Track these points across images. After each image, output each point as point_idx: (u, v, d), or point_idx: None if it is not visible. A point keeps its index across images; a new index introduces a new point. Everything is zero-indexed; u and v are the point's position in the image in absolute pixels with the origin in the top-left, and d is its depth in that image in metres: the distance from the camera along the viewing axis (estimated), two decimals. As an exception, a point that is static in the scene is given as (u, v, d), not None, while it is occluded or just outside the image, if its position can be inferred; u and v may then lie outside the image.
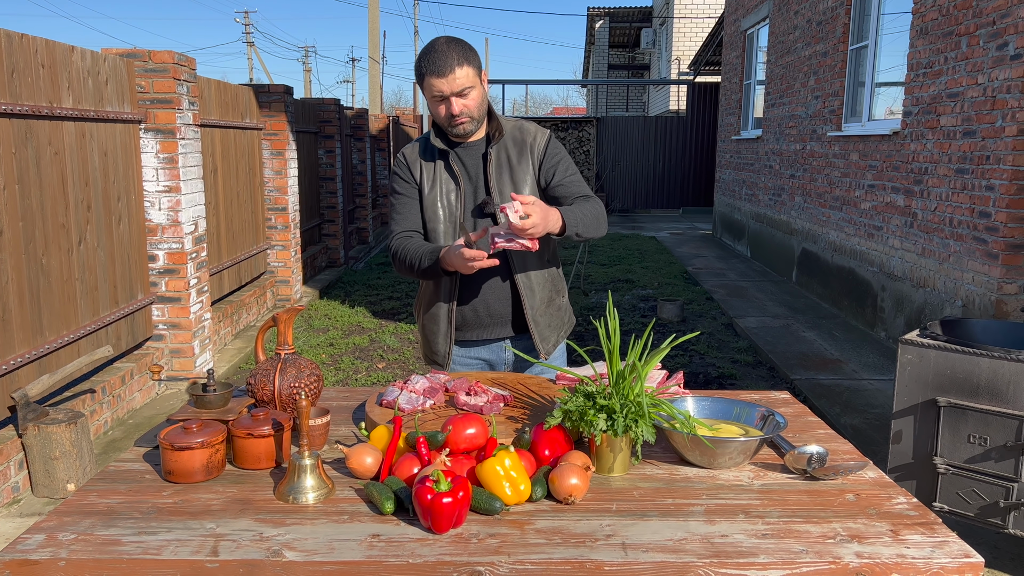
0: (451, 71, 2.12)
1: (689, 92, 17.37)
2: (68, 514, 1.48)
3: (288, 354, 1.89)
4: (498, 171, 2.30)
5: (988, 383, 2.81)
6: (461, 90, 2.16)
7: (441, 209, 2.31)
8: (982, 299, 4.85)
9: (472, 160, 2.32)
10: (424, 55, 2.16)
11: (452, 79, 2.13)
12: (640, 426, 1.61)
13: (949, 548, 1.37)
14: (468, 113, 2.20)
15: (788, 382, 5.35)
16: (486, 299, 2.34)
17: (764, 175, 10.17)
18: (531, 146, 2.34)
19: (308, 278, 8.84)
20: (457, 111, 2.18)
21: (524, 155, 2.33)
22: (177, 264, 5.16)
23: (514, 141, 2.33)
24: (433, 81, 2.14)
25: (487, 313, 2.36)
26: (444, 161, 2.32)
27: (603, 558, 1.33)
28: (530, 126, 2.38)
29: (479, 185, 2.31)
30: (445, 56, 2.12)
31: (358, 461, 1.61)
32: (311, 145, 9.18)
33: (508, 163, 2.31)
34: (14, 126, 3.73)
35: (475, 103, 2.20)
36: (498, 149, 2.31)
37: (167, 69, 4.94)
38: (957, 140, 5.20)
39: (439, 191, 2.31)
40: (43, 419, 3.64)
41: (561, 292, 2.48)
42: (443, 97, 2.17)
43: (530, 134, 2.36)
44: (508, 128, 2.34)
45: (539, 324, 2.37)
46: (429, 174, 2.32)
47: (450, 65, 2.12)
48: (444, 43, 2.16)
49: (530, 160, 2.33)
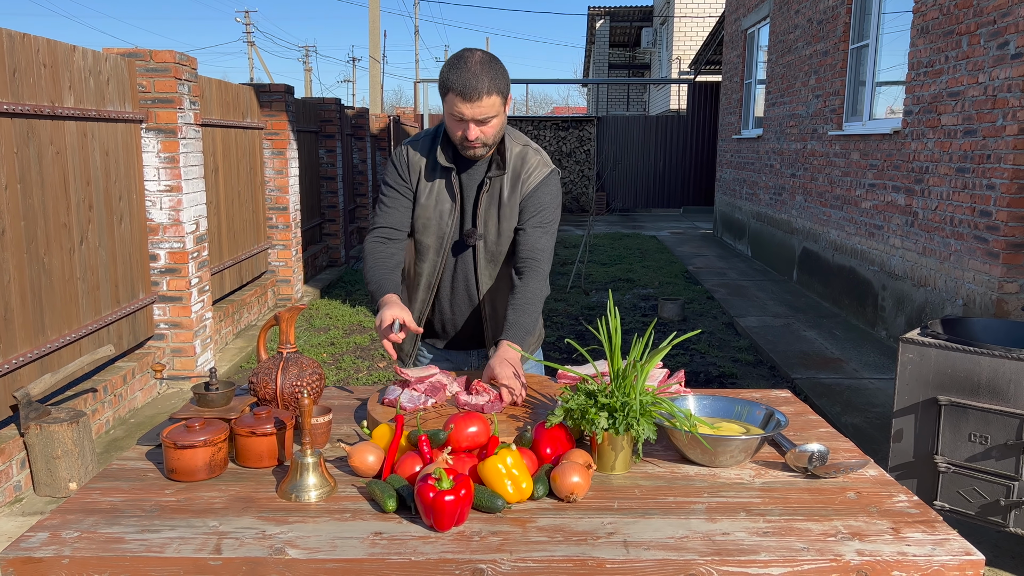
0: (478, 97, 2.01)
1: (690, 91, 17.37)
2: (71, 512, 1.49)
3: (290, 353, 1.89)
4: (488, 202, 2.23)
5: (989, 382, 2.82)
6: (483, 118, 2.05)
7: (433, 223, 2.26)
8: (983, 298, 4.86)
9: (470, 182, 2.25)
10: (454, 68, 2.03)
11: (477, 106, 2.02)
12: (641, 424, 1.61)
13: (950, 546, 1.38)
14: (483, 140, 2.11)
15: (789, 381, 5.36)
16: (454, 318, 2.38)
17: (765, 174, 10.17)
18: (523, 183, 2.24)
19: (309, 277, 8.84)
20: (473, 137, 2.08)
21: (515, 190, 2.24)
22: (178, 263, 5.16)
23: (513, 173, 2.24)
24: (457, 102, 2.03)
25: (453, 331, 2.40)
26: (446, 179, 2.24)
27: (605, 556, 1.33)
28: (534, 159, 2.26)
29: (468, 209, 2.26)
30: (476, 79, 2.00)
31: (360, 459, 1.62)
32: (312, 144, 9.19)
33: (499, 198, 2.23)
34: (16, 125, 3.73)
35: (493, 131, 2.11)
36: (494, 182, 2.22)
37: (168, 69, 4.95)
38: (958, 139, 5.20)
39: (433, 203, 2.25)
40: (45, 418, 3.64)
41: None
42: (463, 119, 2.06)
43: (528, 168, 2.25)
44: (512, 157, 2.24)
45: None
46: (427, 185, 2.25)
47: (479, 91, 2.00)
48: (478, 62, 2.03)
49: (519, 196, 2.24)
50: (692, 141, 17.54)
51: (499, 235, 2.26)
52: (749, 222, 10.99)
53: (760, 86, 11.13)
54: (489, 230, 2.25)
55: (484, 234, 2.25)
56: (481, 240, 2.25)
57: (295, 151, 7.89)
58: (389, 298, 2.14)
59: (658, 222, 15.87)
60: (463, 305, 2.35)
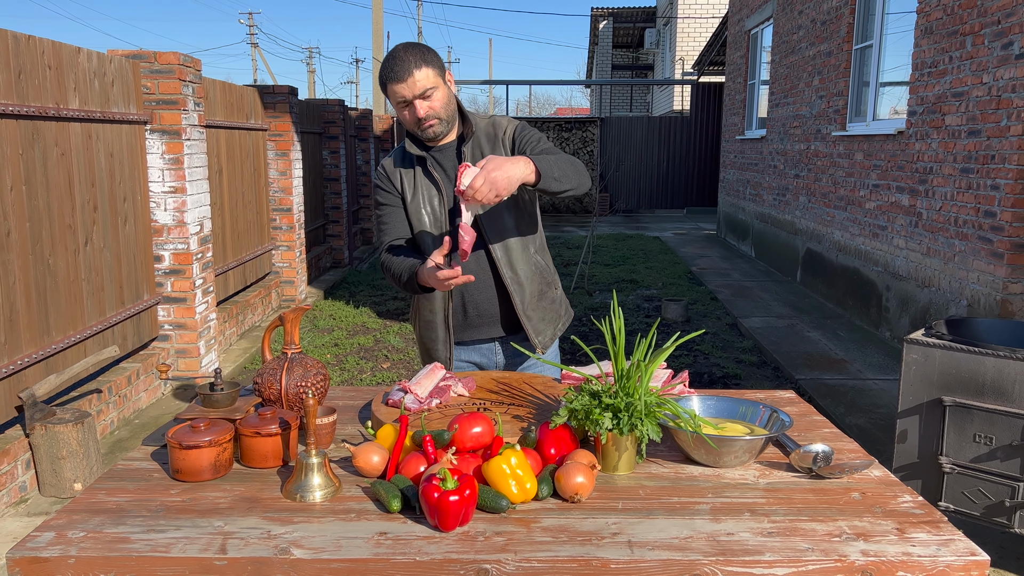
0: (409, 75, 2.11)
1: (693, 92, 17.36)
2: (77, 512, 1.49)
3: (295, 353, 1.90)
4: None
5: (994, 382, 2.81)
6: (423, 92, 2.13)
7: (426, 215, 2.30)
8: (987, 299, 4.85)
9: (449, 161, 2.30)
10: (384, 64, 2.15)
11: (412, 82, 2.11)
12: (645, 425, 1.61)
13: (955, 546, 1.38)
14: (434, 115, 2.18)
15: (793, 382, 5.35)
16: (474, 299, 2.34)
17: (768, 175, 10.16)
18: (503, 139, 2.32)
19: (313, 278, 8.85)
20: (423, 114, 2.16)
21: (496, 148, 2.30)
22: (183, 265, 5.17)
23: (487, 137, 2.31)
24: (394, 87, 2.13)
25: (476, 313, 2.35)
26: (422, 167, 2.30)
27: (609, 556, 1.33)
28: (502, 120, 2.36)
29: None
30: (403, 61, 2.11)
31: (365, 460, 1.62)
32: (315, 146, 9.20)
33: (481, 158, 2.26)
34: (21, 127, 3.74)
35: (440, 103, 2.18)
36: (472, 146, 2.29)
37: (172, 70, 4.96)
38: (962, 140, 5.19)
39: (421, 198, 2.30)
40: (50, 419, 3.65)
41: (553, 284, 2.45)
42: (407, 102, 2.15)
43: (501, 127, 2.34)
44: (481, 125, 2.32)
45: (532, 319, 2.35)
46: (410, 182, 2.31)
47: (408, 69, 2.10)
48: (402, 49, 2.15)
49: (502, 151, 2.30)
50: (695, 142, 17.54)
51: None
52: (753, 223, 10.98)
53: (764, 87, 11.12)
54: None
55: None
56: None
57: (299, 152, 7.90)
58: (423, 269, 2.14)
59: (661, 223, 15.86)
60: (484, 284, 2.32)
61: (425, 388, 1.96)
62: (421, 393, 1.94)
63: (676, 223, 15.84)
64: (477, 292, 2.32)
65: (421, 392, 1.95)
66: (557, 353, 2.52)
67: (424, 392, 1.95)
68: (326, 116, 9.42)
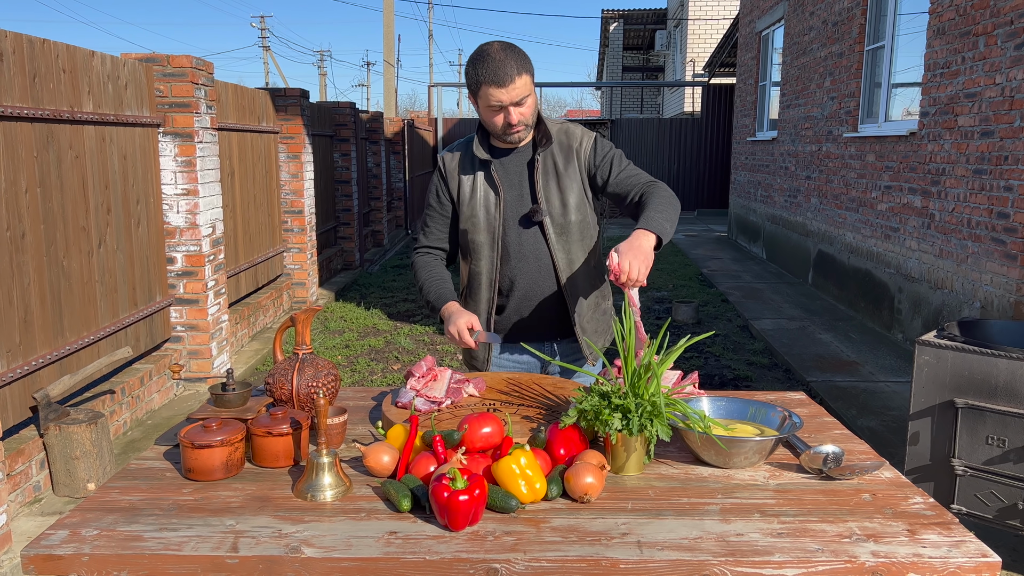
0: (511, 80, 2.06)
1: (704, 94, 17.33)
2: (91, 510, 1.50)
3: (306, 354, 1.91)
4: (544, 178, 2.26)
5: (1006, 384, 2.79)
6: (520, 99, 2.11)
7: (481, 218, 2.28)
8: (1000, 301, 4.81)
9: (516, 167, 2.28)
10: (480, 63, 2.09)
11: (512, 89, 2.07)
12: (655, 425, 1.61)
13: (966, 547, 1.37)
14: (524, 122, 2.16)
15: (804, 384, 5.33)
16: (531, 305, 2.32)
17: (779, 177, 10.12)
18: (577, 151, 2.29)
19: (324, 280, 8.89)
20: (515, 120, 2.13)
21: (571, 160, 2.28)
22: (195, 266, 5.20)
23: (560, 146, 2.28)
24: (492, 91, 2.08)
25: (531, 319, 2.33)
26: (485, 171, 2.28)
27: (618, 556, 1.33)
28: (576, 129, 2.33)
29: (524, 192, 2.27)
30: (504, 65, 2.06)
31: (375, 459, 1.63)
32: (326, 148, 9.23)
33: (555, 170, 2.27)
34: (36, 130, 3.78)
35: (530, 111, 2.16)
36: (545, 156, 2.26)
37: (185, 73, 4.99)
38: (975, 140, 5.16)
39: (479, 201, 2.27)
40: (64, 419, 3.68)
41: (607, 296, 2.44)
42: (501, 107, 2.11)
43: (576, 138, 2.31)
44: (554, 132, 2.29)
45: (586, 331, 2.34)
46: (469, 185, 2.29)
47: (510, 74, 2.06)
48: (500, 50, 2.09)
49: (577, 165, 2.28)
50: (706, 144, 17.49)
51: (563, 206, 2.26)
52: (764, 224, 10.94)
53: (775, 88, 11.09)
54: (552, 204, 2.26)
55: (548, 209, 2.26)
56: (547, 216, 2.25)
57: (310, 155, 7.94)
58: (452, 306, 2.21)
59: (672, 225, 15.80)
60: (539, 290, 2.30)
61: (437, 390, 1.97)
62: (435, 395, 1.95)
63: (687, 225, 15.81)
64: (535, 298, 2.31)
65: (434, 394, 1.95)
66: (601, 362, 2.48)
67: (439, 394, 1.96)
68: (337, 119, 9.46)
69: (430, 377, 2.00)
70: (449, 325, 2.18)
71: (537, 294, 2.30)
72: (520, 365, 2.41)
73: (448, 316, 2.20)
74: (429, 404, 1.92)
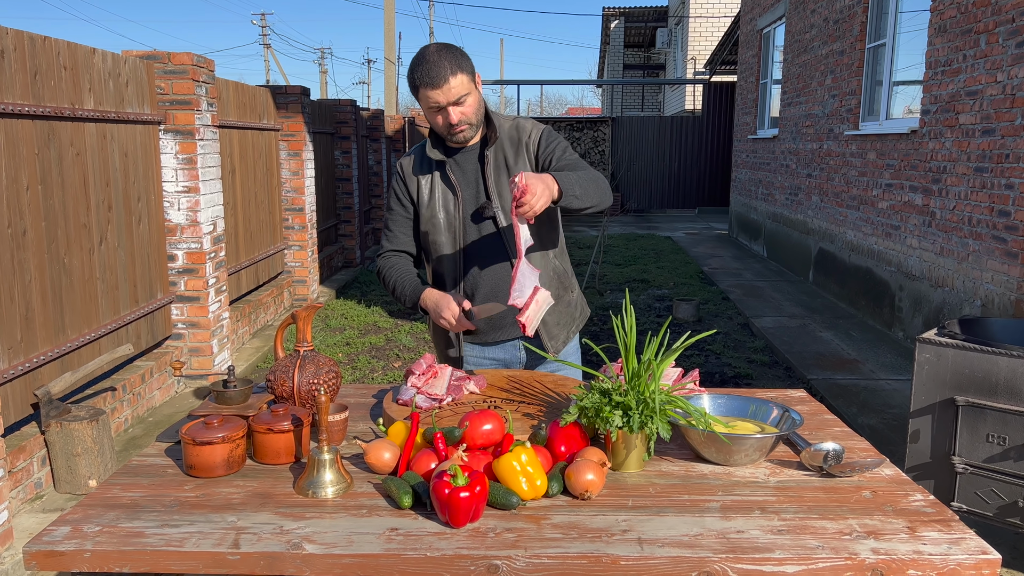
0: (445, 81, 2.08)
1: (705, 92, 17.32)
2: (92, 507, 1.51)
3: (307, 351, 1.91)
4: (496, 173, 2.27)
5: (1007, 382, 2.80)
6: (457, 98, 2.12)
7: (441, 219, 2.29)
8: (1001, 299, 4.81)
9: (470, 165, 2.29)
10: (416, 66, 2.12)
11: (447, 89, 2.09)
12: (656, 422, 1.62)
13: (966, 545, 1.37)
14: (466, 120, 2.17)
15: (805, 382, 5.33)
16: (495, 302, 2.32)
17: (780, 175, 10.12)
18: (527, 144, 2.30)
19: (325, 278, 8.89)
20: (455, 120, 2.14)
21: (520, 153, 2.29)
22: (196, 264, 5.21)
23: (511, 140, 2.30)
24: (428, 92, 2.10)
25: (498, 316, 2.35)
26: (441, 172, 2.29)
27: (619, 553, 1.34)
28: (526, 123, 2.34)
29: (479, 189, 2.28)
30: (437, 66, 2.08)
31: (376, 456, 1.63)
32: (327, 146, 9.23)
33: (505, 163, 2.27)
34: (37, 127, 3.78)
35: (472, 109, 2.17)
36: (495, 151, 2.27)
37: (186, 71, 4.99)
38: (976, 138, 5.16)
39: (437, 203, 2.29)
40: (65, 416, 3.69)
41: (570, 288, 2.46)
42: (440, 107, 2.13)
43: (526, 131, 2.32)
44: (505, 128, 2.31)
45: (546, 323, 2.36)
46: (427, 186, 2.31)
47: (443, 75, 2.08)
48: (435, 52, 2.11)
49: (526, 157, 2.29)
50: (707, 141, 17.48)
51: None
52: (765, 223, 10.94)
53: (776, 86, 11.08)
54: (505, 198, 2.26)
55: (501, 203, 2.26)
56: (499, 210, 2.26)
57: (311, 152, 7.94)
58: (432, 294, 2.21)
59: (673, 223, 15.82)
60: (501, 287, 2.31)
61: (438, 387, 1.98)
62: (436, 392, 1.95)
63: (688, 223, 15.81)
64: (495, 296, 2.31)
65: (435, 391, 1.96)
66: (577, 349, 2.51)
67: (440, 391, 1.96)
68: (338, 116, 9.45)
69: (430, 374, 2.01)
70: (441, 313, 2.15)
71: (498, 291, 2.31)
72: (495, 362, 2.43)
73: (433, 305, 2.19)
74: (430, 401, 1.92)
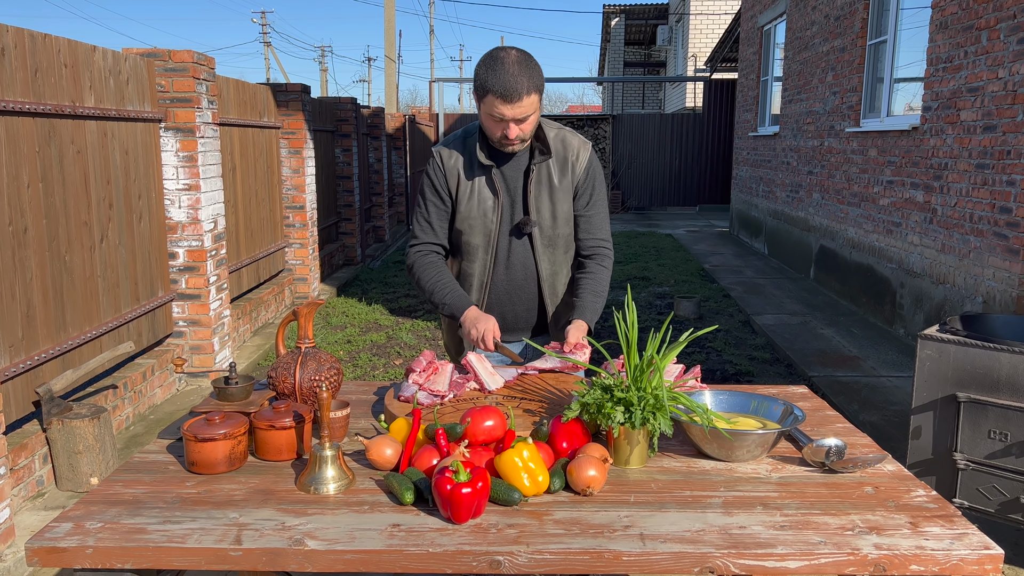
0: (519, 99, 2.02)
1: (705, 89, 17.30)
2: (94, 503, 1.51)
3: (308, 348, 1.91)
4: (537, 188, 2.25)
5: (1009, 378, 2.79)
6: (523, 117, 2.07)
7: (478, 222, 2.27)
8: (1003, 295, 4.81)
9: (513, 173, 2.26)
10: (490, 69, 2.03)
11: (518, 106, 2.03)
12: (658, 419, 1.62)
13: (968, 540, 1.37)
14: (522, 137, 2.14)
15: (806, 379, 5.33)
16: (514, 308, 2.36)
17: (781, 172, 10.11)
18: (573, 165, 2.28)
19: (325, 276, 8.89)
20: (513, 136, 2.11)
21: (565, 173, 2.27)
22: (197, 261, 5.21)
23: (557, 156, 2.27)
24: (497, 103, 2.04)
25: (513, 318, 2.38)
26: (486, 176, 2.25)
27: (621, 548, 1.34)
28: (573, 140, 2.31)
29: (517, 199, 2.27)
30: (516, 80, 2.00)
31: (378, 452, 1.63)
32: (328, 144, 9.23)
33: (549, 182, 2.26)
34: (37, 125, 3.78)
35: (531, 127, 2.14)
36: (540, 167, 2.25)
37: (187, 68, 4.99)
38: (977, 135, 5.15)
39: (475, 203, 2.26)
40: (67, 414, 3.69)
41: None
42: (502, 119, 2.07)
43: (572, 150, 2.29)
44: (551, 140, 2.27)
45: (559, 324, 2.39)
46: (467, 186, 2.27)
47: (519, 92, 2.01)
48: (515, 63, 2.02)
49: (571, 179, 2.28)
50: (708, 139, 17.47)
51: (554, 218, 2.28)
52: (766, 220, 10.93)
53: (777, 83, 11.07)
54: (543, 215, 2.26)
55: (539, 219, 2.26)
56: (537, 227, 2.25)
57: (311, 150, 7.93)
58: (475, 311, 2.22)
59: (674, 220, 15.82)
60: (523, 295, 2.34)
61: (440, 383, 1.98)
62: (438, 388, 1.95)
63: (688, 220, 15.80)
64: (519, 302, 2.35)
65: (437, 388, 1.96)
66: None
67: (441, 387, 1.96)
68: (339, 114, 9.45)
69: (431, 371, 2.01)
70: (476, 325, 2.17)
71: (520, 297, 2.34)
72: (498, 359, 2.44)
73: (473, 319, 2.20)
74: (432, 398, 1.92)
